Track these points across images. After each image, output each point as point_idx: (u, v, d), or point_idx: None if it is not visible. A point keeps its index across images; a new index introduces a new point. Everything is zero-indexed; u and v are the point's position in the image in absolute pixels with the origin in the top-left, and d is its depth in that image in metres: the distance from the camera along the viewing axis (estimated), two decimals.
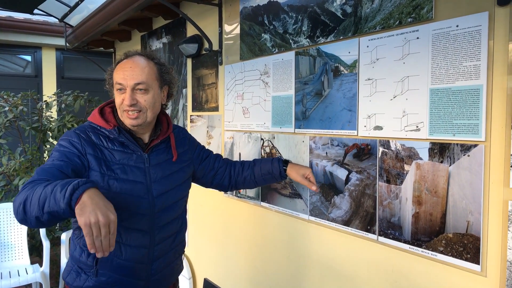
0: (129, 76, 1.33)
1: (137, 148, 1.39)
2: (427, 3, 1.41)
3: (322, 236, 1.87)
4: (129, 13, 2.91)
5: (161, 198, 1.41)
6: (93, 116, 1.40)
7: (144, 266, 1.40)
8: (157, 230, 1.41)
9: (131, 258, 1.37)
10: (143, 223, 1.37)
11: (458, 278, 1.35)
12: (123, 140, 1.36)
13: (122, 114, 1.37)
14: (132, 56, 1.38)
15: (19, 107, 3.73)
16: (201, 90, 2.80)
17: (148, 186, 1.38)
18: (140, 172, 1.38)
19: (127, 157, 1.37)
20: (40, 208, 1.03)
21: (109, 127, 1.36)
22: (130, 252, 1.36)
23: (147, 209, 1.37)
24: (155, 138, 1.45)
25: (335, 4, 1.77)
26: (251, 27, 2.28)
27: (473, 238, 1.30)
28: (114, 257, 1.35)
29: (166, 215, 1.44)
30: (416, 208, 1.46)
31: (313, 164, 1.89)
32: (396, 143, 1.52)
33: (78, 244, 1.37)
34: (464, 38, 1.31)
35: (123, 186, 1.33)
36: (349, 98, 1.70)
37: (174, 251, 1.51)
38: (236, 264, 2.49)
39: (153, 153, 1.43)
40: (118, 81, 1.34)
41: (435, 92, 1.39)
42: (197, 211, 2.90)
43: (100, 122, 1.37)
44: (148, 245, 1.39)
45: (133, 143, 1.38)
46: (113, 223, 0.99)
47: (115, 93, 1.37)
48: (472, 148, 1.30)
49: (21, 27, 5.34)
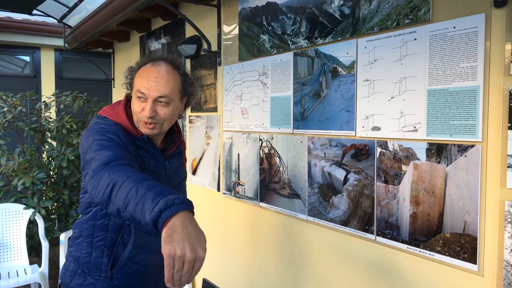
0: (153, 87, 1.26)
1: (160, 155, 1.37)
2: (425, 5, 1.42)
3: (320, 236, 1.88)
4: (128, 14, 2.91)
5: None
6: (120, 118, 1.31)
7: (156, 271, 1.40)
8: None
9: (147, 264, 1.36)
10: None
11: (455, 277, 1.36)
12: (148, 147, 1.33)
13: (138, 121, 1.32)
14: (157, 62, 1.31)
15: (18, 108, 3.72)
16: (200, 90, 2.80)
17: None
18: (163, 178, 1.37)
19: (151, 163, 1.34)
20: (125, 205, 0.94)
21: (138, 134, 1.30)
22: (148, 257, 1.35)
23: None
24: (171, 146, 1.44)
25: (333, 6, 1.78)
26: (250, 28, 2.29)
27: (470, 238, 1.31)
28: (133, 263, 1.32)
29: None
30: (413, 208, 1.47)
31: (311, 165, 1.90)
32: (394, 143, 1.53)
33: (91, 245, 1.30)
34: (461, 39, 1.32)
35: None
36: (347, 99, 1.71)
37: None
38: (235, 264, 2.50)
39: (171, 159, 1.43)
40: (140, 90, 1.27)
41: (432, 93, 1.40)
42: (196, 211, 2.90)
43: (128, 125, 1.30)
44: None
45: (156, 150, 1.36)
46: (199, 261, 0.86)
47: (134, 98, 1.31)
48: (469, 148, 1.31)
49: (19, 28, 5.34)
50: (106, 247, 1.30)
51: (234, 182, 2.45)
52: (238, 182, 2.42)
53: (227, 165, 2.53)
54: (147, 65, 1.31)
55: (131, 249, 1.31)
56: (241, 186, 2.39)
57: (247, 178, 2.34)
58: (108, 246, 1.30)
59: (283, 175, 2.07)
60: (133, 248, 1.31)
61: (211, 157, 2.70)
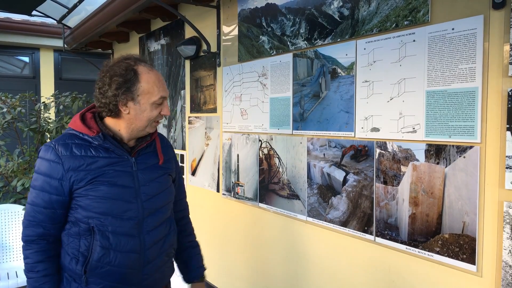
0: (165, 88, 1.39)
1: (123, 153, 1.38)
2: (424, 6, 1.42)
3: (319, 236, 1.89)
4: (128, 15, 2.91)
5: (150, 202, 1.41)
6: (74, 123, 1.38)
7: (135, 271, 1.39)
8: (147, 234, 1.40)
9: (122, 264, 1.35)
10: (132, 227, 1.36)
11: (454, 278, 1.37)
12: (108, 146, 1.35)
13: (150, 125, 1.39)
14: (151, 66, 1.40)
15: (17, 109, 3.73)
16: (199, 91, 2.81)
17: (137, 190, 1.38)
18: (128, 177, 1.37)
19: (114, 162, 1.36)
20: None
21: (92, 134, 1.34)
22: (121, 258, 1.35)
23: (136, 213, 1.37)
24: (142, 143, 1.45)
25: (332, 7, 1.78)
26: (249, 29, 2.29)
27: (469, 238, 1.31)
28: (105, 264, 1.33)
29: (154, 219, 1.43)
30: (412, 209, 1.47)
31: (310, 166, 1.90)
32: (393, 144, 1.53)
33: (66, 251, 1.36)
34: (459, 41, 1.32)
35: (112, 192, 1.33)
36: (347, 100, 1.71)
37: (165, 255, 1.50)
38: (234, 265, 2.50)
39: (140, 157, 1.43)
40: (162, 95, 1.36)
41: (431, 94, 1.40)
42: (195, 211, 2.91)
43: (82, 129, 1.35)
44: (138, 250, 1.38)
45: (119, 148, 1.37)
46: None
47: (149, 107, 1.36)
48: (467, 149, 1.31)
49: (19, 29, 5.34)
50: (79, 251, 1.34)
51: (234, 183, 2.46)
52: (237, 183, 2.43)
53: (226, 166, 2.53)
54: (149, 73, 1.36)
55: (98, 250, 1.32)
56: (241, 187, 2.39)
57: (247, 179, 2.34)
58: (79, 251, 1.34)
59: (282, 176, 2.08)
60: (100, 249, 1.32)
61: (211, 158, 2.70)
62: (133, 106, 1.34)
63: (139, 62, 1.36)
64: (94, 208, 1.31)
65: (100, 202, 1.31)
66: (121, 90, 1.31)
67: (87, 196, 1.31)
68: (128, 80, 1.32)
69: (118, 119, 1.37)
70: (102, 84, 1.34)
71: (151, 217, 1.42)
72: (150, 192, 1.42)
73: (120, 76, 1.32)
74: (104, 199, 1.31)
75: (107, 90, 1.32)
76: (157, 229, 1.44)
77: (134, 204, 1.37)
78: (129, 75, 1.32)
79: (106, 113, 1.37)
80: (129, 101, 1.33)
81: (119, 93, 1.32)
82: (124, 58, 1.36)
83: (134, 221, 1.37)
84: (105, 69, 1.36)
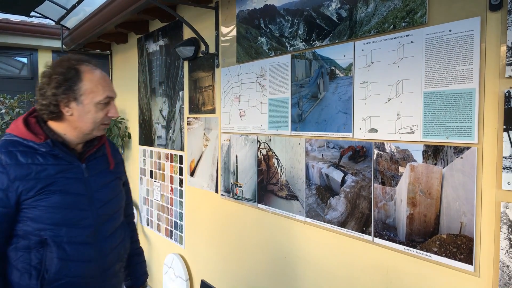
0: (112, 88, 1.33)
1: (73, 159, 1.32)
2: (421, 8, 1.43)
3: (318, 237, 1.89)
4: (126, 16, 2.92)
5: (104, 208, 1.37)
6: (17, 129, 1.27)
7: (94, 279, 1.34)
8: (104, 241, 1.36)
9: (81, 274, 1.29)
10: (89, 236, 1.31)
11: (452, 278, 1.37)
12: (57, 152, 1.28)
13: (97, 128, 1.32)
14: (94, 65, 1.32)
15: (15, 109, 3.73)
16: (198, 92, 2.81)
17: (90, 197, 1.33)
18: (80, 184, 1.31)
19: (64, 169, 1.29)
20: None
21: (39, 140, 1.25)
22: (80, 267, 1.29)
23: (91, 221, 1.32)
24: (91, 148, 1.39)
25: (330, 9, 1.79)
26: (248, 30, 2.30)
27: (467, 239, 1.32)
28: (63, 276, 1.26)
29: (110, 225, 1.39)
30: (410, 209, 1.48)
31: (309, 166, 1.91)
32: (391, 145, 1.54)
33: (15, 266, 1.26)
34: (457, 42, 1.33)
35: (65, 200, 1.26)
36: (345, 101, 1.72)
37: (120, 260, 1.47)
38: (233, 266, 2.51)
39: (90, 162, 1.37)
40: (108, 95, 1.30)
41: (428, 96, 1.41)
42: (194, 212, 2.92)
43: (26, 135, 1.25)
44: (97, 258, 1.33)
45: (68, 155, 1.31)
46: None
47: (94, 108, 1.28)
48: (465, 150, 1.32)
49: (17, 29, 5.33)
50: (30, 265, 1.25)
51: (232, 184, 2.46)
52: (236, 183, 2.43)
53: (225, 166, 2.53)
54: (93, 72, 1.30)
55: (56, 262, 1.25)
56: (239, 188, 2.40)
57: (245, 179, 2.35)
58: (31, 264, 1.25)
59: (281, 177, 2.08)
60: (58, 261, 1.26)
61: (209, 159, 2.71)
62: (76, 107, 1.26)
63: (82, 62, 1.29)
64: (46, 220, 1.23)
65: (53, 212, 1.24)
66: (61, 89, 1.24)
67: (38, 207, 1.22)
68: (69, 79, 1.24)
69: (61, 122, 1.29)
70: (42, 84, 1.27)
71: (107, 223, 1.37)
72: (103, 198, 1.37)
73: (60, 74, 1.24)
74: (57, 209, 1.24)
75: (47, 90, 1.25)
76: (113, 235, 1.40)
77: (89, 212, 1.32)
78: (70, 74, 1.25)
79: (47, 116, 1.28)
80: (71, 102, 1.25)
81: (59, 92, 1.24)
82: (66, 59, 1.29)
83: (91, 229, 1.32)
84: (46, 71, 1.29)
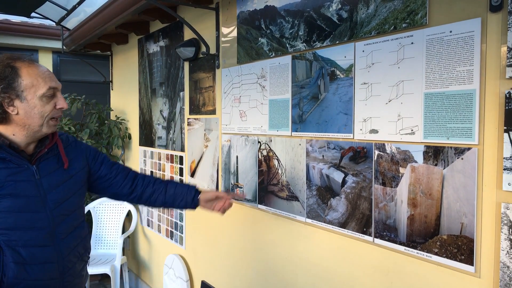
0: (54, 79, 1.31)
1: (23, 162, 1.29)
2: (421, 9, 1.44)
3: (319, 238, 1.89)
4: (126, 17, 2.92)
5: (59, 208, 1.35)
6: None
7: (56, 281, 1.33)
8: (61, 242, 1.34)
9: (40, 277, 1.28)
10: (44, 237, 1.29)
11: (453, 279, 1.37)
12: (4, 155, 1.25)
13: (46, 123, 1.29)
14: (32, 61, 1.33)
15: None
16: (199, 93, 2.82)
17: (43, 199, 1.31)
18: (31, 186, 1.29)
19: (13, 172, 1.26)
20: None
21: None
22: (38, 270, 1.28)
23: (46, 222, 1.30)
24: (42, 148, 1.35)
25: (331, 9, 1.79)
26: (248, 31, 2.30)
27: (467, 239, 1.32)
28: (21, 280, 1.25)
29: (66, 225, 1.37)
30: (411, 210, 1.48)
31: (309, 167, 1.91)
32: (392, 146, 1.54)
33: None
34: (457, 43, 1.33)
35: (16, 204, 1.25)
36: (345, 102, 1.72)
37: (81, 259, 1.45)
38: (233, 267, 2.51)
39: (41, 163, 1.34)
40: (52, 86, 1.29)
41: (429, 96, 1.41)
42: (194, 213, 2.91)
43: None
44: (56, 259, 1.32)
45: (16, 157, 1.28)
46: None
47: (39, 102, 1.27)
48: (465, 151, 1.32)
49: (18, 30, 5.33)
50: None
51: (233, 185, 2.46)
52: (236, 184, 2.43)
53: (225, 167, 2.53)
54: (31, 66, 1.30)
55: (13, 266, 1.24)
56: (240, 189, 2.40)
57: (246, 180, 2.35)
58: None
59: (281, 178, 2.09)
60: (14, 265, 1.24)
61: (210, 160, 2.71)
62: (21, 105, 1.25)
63: (17, 59, 1.28)
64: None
65: (5, 217, 1.23)
66: (0, 88, 1.23)
67: None
68: (6, 77, 1.24)
69: (8, 124, 1.28)
70: None
71: (63, 224, 1.35)
72: (58, 199, 1.34)
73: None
74: (9, 213, 1.23)
75: None
76: (71, 235, 1.38)
77: (43, 214, 1.30)
78: (6, 72, 1.24)
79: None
80: (14, 100, 1.24)
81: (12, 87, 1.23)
82: (0, 59, 1.28)
83: (46, 231, 1.30)
84: None
